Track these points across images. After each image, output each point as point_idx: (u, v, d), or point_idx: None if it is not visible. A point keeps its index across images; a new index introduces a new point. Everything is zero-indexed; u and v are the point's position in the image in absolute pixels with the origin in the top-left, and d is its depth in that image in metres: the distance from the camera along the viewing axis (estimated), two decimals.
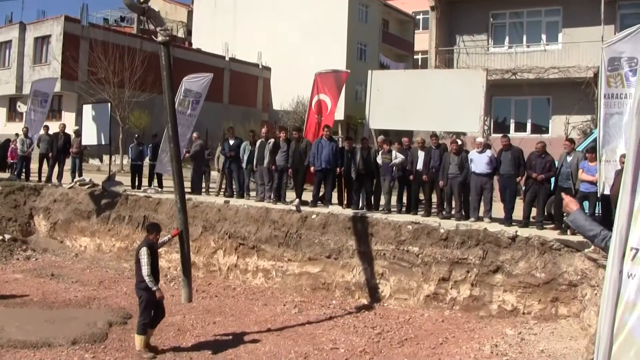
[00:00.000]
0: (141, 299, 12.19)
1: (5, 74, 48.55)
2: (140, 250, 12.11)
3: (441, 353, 12.52)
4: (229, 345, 13.04)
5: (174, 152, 13.92)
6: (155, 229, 12.70)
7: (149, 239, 12.40)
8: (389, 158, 18.45)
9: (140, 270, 12.04)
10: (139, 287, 12.17)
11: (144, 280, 12.01)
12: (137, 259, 12.14)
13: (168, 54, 14.13)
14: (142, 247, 12.17)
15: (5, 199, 24.38)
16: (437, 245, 15.96)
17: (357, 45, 57.49)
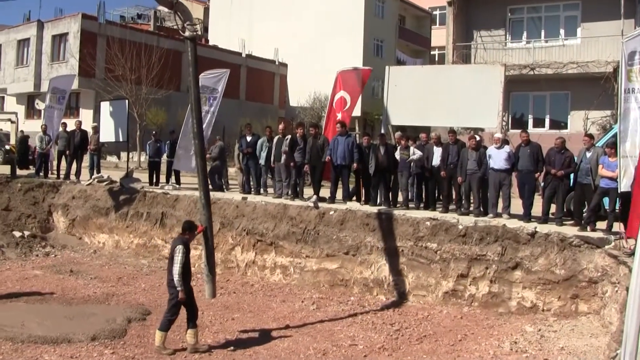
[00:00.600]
0: (172, 295, 12.23)
1: (24, 71, 48.80)
2: (177, 247, 12.11)
3: (460, 350, 12.49)
4: (248, 342, 13.08)
5: (199, 148, 13.93)
6: (192, 228, 12.80)
7: (184, 238, 12.46)
8: (407, 154, 18.40)
9: (171, 267, 12.08)
10: (171, 284, 12.20)
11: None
12: (171, 256, 12.14)
13: (195, 49, 14.09)
14: (178, 244, 12.17)
15: (24, 195, 24.55)
16: (455, 242, 15.90)
17: (374, 41, 57.40)
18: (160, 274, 18.94)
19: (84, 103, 45.70)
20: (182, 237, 12.51)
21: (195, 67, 14.04)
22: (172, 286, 12.15)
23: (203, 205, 13.62)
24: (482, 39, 31.94)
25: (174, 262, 12.03)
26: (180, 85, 47.90)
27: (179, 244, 12.15)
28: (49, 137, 26.48)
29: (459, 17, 32.45)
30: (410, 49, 64.12)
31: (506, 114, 28.38)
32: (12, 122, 28.09)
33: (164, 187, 23.32)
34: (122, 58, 39.84)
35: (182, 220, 20.17)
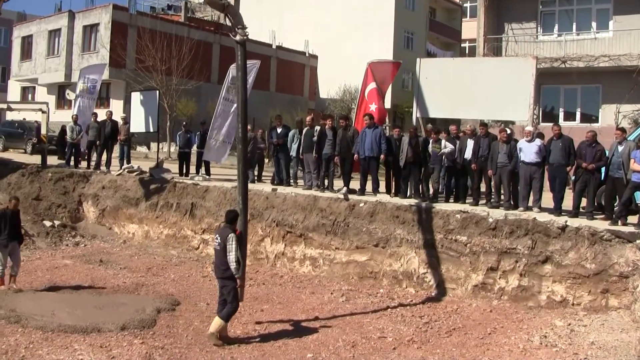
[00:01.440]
0: (228, 287, 12.35)
1: (55, 62, 49.11)
2: (229, 236, 12.20)
3: (489, 343, 12.45)
4: (277, 333, 13.14)
5: (242, 153, 13.97)
6: (237, 217, 12.89)
7: (233, 227, 12.57)
8: (439, 147, 18.35)
9: (226, 257, 12.15)
10: (224, 275, 12.29)
11: (229, 268, 12.17)
12: (224, 245, 12.19)
13: (244, 53, 14.05)
14: (229, 233, 12.25)
15: (54, 185, 24.77)
16: (485, 235, 15.85)
17: (404, 33, 57.15)
18: (190, 265, 19.14)
19: (115, 93, 45.93)
20: (231, 226, 12.55)
21: (245, 70, 14.03)
22: (225, 277, 12.29)
23: (240, 211, 13.58)
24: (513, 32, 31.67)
25: (228, 251, 12.13)
26: (210, 76, 48.04)
27: (230, 233, 12.24)
28: (79, 127, 26.67)
29: (490, 10, 32.22)
30: (440, 41, 63.78)
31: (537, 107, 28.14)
32: (43, 112, 28.31)
33: (193, 178, 23.42)
34: (152, 49, 39.97)
35: (212, 212, 20.49)
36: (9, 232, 15.48)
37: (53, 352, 11.55)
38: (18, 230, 16.13)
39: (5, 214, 15.61)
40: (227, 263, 12.18)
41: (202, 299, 15.55)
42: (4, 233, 15.41)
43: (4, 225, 15.43)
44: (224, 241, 12.22)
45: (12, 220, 15.63)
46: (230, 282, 12.33)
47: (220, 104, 22.95)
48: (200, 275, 18.06)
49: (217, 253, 12.43)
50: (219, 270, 12.38)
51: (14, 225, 15.79)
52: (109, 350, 11.72)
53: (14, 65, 54.37)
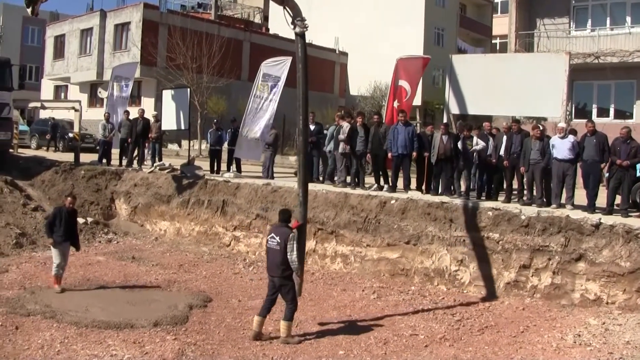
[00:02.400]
0: (288, 287, 12.38)
1: (87, 60, 49.47)
2: (290, 235, 12.24)
3: (522, 341, 12.36)
4: (309, 330, 13.16)
5: (303, 145, 14.15)
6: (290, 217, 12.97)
7: (290, 227, 12.60)
8: (470, 144, 18.27)
9: (286, 256, 12.17)
10: (284, 274, 12.31)
11: (289, 268, 12.22)
12: (284, 245, 12.19)
13: (304, 44, 14.09)
14: (289, 232, 12.31)
15: (87, 183, 24.98)
16: (517, 232, 15.74)
17: (435, 29, 56.83)
18: (221, 262, 19.23)
19: (146, 91, 46.18)
20: (287, 225, 12.59)
21: (305, 62, 14.08)
22: (284, 277, 12.32)
23: (300, 203, 13.65)
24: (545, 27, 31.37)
25: (289, 250, 12.16)
26: (240, 74, 48.12)
27: (290, 232, 12.29)
28: (111, 125, 26.90)
29: (521, 5, 31.95)
30: (471, 37, 63.38)
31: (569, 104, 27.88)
32: (75, 110, 28.56)
33: (224, 175, 23.50)
34: (183, 47, 40.12)
35: (243, 209, 20.56)
36: (65, 230, 15.35)
37: (87, 347, 11.68)
38: (73, 231, 15.92)
39: (61, 211, 15.50)
40: (287, 262, 12.19)
41: (234, 296, 15.62)
42: (59, 230, 15.29)
43: (59, 222, 15.30)
44: (284, 241, 12.21)
45: (68, 219, 15.48)
46: (289, 281, 12.38)
47: (251, 102, 23.01)
48: (232, 272, 18.14)
49: (274, 252, 12.39)
50: (278, 269, 12.33)
51: (70, 225, 15.63)
52: (142, 346, 11.82)
53: (47, 64, 54.86)
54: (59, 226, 15.29)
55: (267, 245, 12.60)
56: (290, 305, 12.45)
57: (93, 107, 47.77)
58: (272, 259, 12.45)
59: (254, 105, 22.97)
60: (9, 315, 13.25)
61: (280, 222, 12.72)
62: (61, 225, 15.28)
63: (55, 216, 15.42)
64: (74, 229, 15.91)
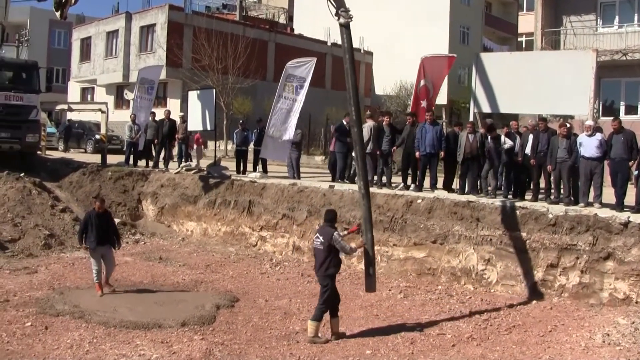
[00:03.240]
0: (327, 287, 12.47)
1: (113, 62, 49.83)
2: (334, 235, 12.34)
3: (550, 341, 12.29)
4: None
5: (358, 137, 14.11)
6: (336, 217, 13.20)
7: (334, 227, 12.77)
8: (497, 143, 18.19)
9: (328, 256, 12.34)
10: (325, 274, 12.44)
11: (331, 267, 12.38)
12: (328, 245, 12.33)
13: (349, 35, 14.13)
14: (332, 232, 12.43)
15: (114, 184, 25.18)
16: (545, 231, 15.62)
17: (460, 28, 56.61)
18: (248, 262, 19.28)
19: (172, 93, 46.42)
20: (331, 225, 12.73)
21: (352, 53, 14.11)
22: (327, 276, 12.46)
23: (363, 195, 13.70)
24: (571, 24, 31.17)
25: (340, 248, 12.39)
26: (266, 74, 48.24)
27: (333, 232, 12.43)
28: (137, 127, 27.10)
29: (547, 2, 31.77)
30: (496, 35, 63.08)
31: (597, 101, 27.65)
32: (102, 112, 28.78)
33: (250, 176, 23.57)
34: (208, 48, 40.28)
35: (269, 209, 20.62)
36: (97, 234, 15.07)
37: (116, 347, 11.78)
38: (109, 233, 15.54)
39: (91, 216, 15.26)
40: (329, 262, 12.36)
41: (261, 296, 15.66)
42: (91, 236, 15.07)
43: (91, 227, 15.07)
44: (328, 241, 12.34)
45: (99, 223, 15.18)
46: (329, 281, 12.48)
47: (277, 102, 23.08)
48: (259, 272, 18.19)
49: (318, 252, 12.53)
50: (321, 268, 12.49)
51: (103, 228, 15.30)
52: (170, 346, 11.90)
53: (74, 67, 55.35)
54: (90, 231, 15.06)
55: (313, 246, 12.79)
56: (321, 306, 12.50)
57: (119, 109, 48.10)
58: (317, 258, 12.63)
59: (280, 105, 23.03)
60: (38, 315, 13.42)
61: (325, 223, 12.86)
62: (93, 230, 15.03)
63: (87, 222, 15.25)
64: (108, 231, 15.51)
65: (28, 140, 25.28)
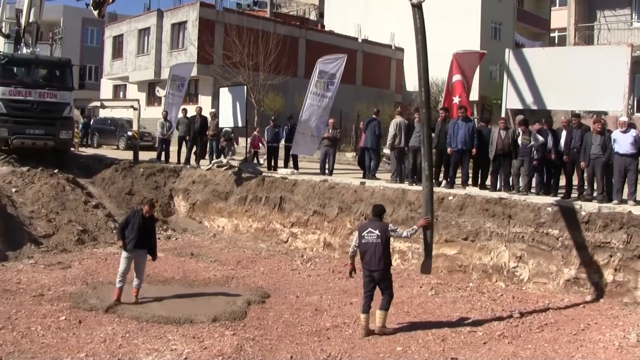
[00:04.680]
0: (387, 281, 12.68)
1: (145, 59, 50.11)
2: (389, 225, 12.76)
3: (583, 339, 12.15)
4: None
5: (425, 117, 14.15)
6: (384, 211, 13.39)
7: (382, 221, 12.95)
8: (528, 139, 18.04)
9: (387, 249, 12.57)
10: (385, 268, 12.58)
11: (389, 261, 12.70)
12: (386, 237, 12.52)
13: (422, 16, 14.20)
14: (387, 224, 12.82)
15: (146, 180, 25.38)
16: (578, 229, 15.46)
17: (492, 24, 56.17)
18: (279, 258, 19.32)
19: (203, 89, 46.60)
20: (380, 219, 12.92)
21: (424, 33, 14.20)
22: (386, 270, 12.63)
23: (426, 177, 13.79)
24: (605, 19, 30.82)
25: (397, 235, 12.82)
26: (297, 71, 48.22)
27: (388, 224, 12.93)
28: (169, 124, 27.29)
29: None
30: (528, 31, 62.53)
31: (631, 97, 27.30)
32: (134, 109, 29.00)
33: (281, 172, 23.62)
34: (239, 45, 40.31)
35: (300, 205, 20.66)
36: (136, 237, 14.13)
37: (148, 341, 11.87)
38: (149, 238, 14.62)
39: (136, 216, 14.41)
40: (388, 256, 12.61)
41: (292, 292, 15.70)
42: (130, 235, 14.17)
43: (132, 227, 14.19)
44: (384, 233, 12.50)
45: (143, 225, 14.27)
46: (389, 274, 12.70)
47: (308, 98, 23.13)
48: (290, 268, 18.23)
49: (375, 246, 12.52)
50: (380, 262, 12.49)
51: (145, 232, 14.39)
52: (202, 341, 11.97)
53: (106, 64, 55.77)
54: (131, 231, 14.15)
55: (364, 241, 12.69)
56: (387, 297, 12.66)
57: (151, 106, 48.43)
58: (373, 252, 12.54)
59: (310, 101, 23.10)
60: (72, 310, 13.59)
61: (374, 217, 12.99)
62: (134, 230, 14.12)
63: (129, 220, 14.40)
64: (150, 237, 14.62)
65: (62, 137, 25.56)
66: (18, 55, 26.81)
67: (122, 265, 14.38)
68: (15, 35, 28.69)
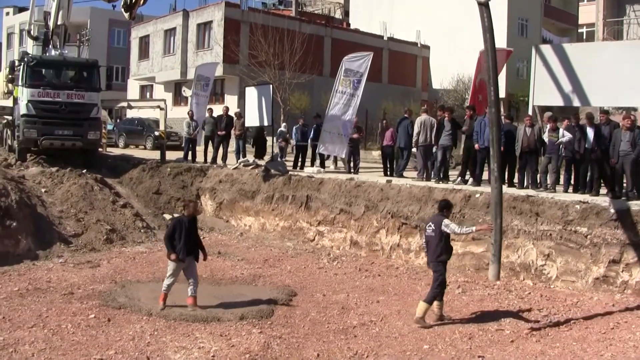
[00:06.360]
0: (439, 272, 12.76)
1: (171, 60, 50.40)
2: (444, 220, 12.71)
3: (612, 338, 12.02)
4: (393, 325, 13.12)
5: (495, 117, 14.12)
6: (450, 207, 13.55)
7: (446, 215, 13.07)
8: (556, 136, 17.91)
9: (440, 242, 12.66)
10: (438, 260, 12.74)
11: (443, 254, 12.73)
12: (439, 231, 12.65)
13: (489, 14, 14.33)
14: (442, 219, 12.76)
15: (173, 180, 25.54)
16: (607, 226, 15.28)
17: (518, 20, 55.78)
18: (306, 257, 19.33)
19: (229, 89, 46.79)
20: (442, 214, 13.02)
21: (492, 32, 14.32)
22: (439, 262, 12.75)
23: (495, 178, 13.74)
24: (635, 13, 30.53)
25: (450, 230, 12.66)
26: (322, 69, 48.28)
27: (443, 219, 12.78)
28: (195, 123, 27.45)
29: None
30: (556, 27, 62.08)
31: None
32: (161, 109, 29.17)
33: (308, 171, 23.64)
34: (265, 44, 40.49)
35: (327, 204, 20.67)
36: (186, 243, 13.47)
37: (176, 339, 11.92)
38: (195, 240, 13.96)
39: (182, 223, 13.65)
40: (440, 249, 12.68)
41: (319, 290, 15.68)
42: (179, 245, 13.47)
43: (179, 234, 13.48)
44: (438, 227, 12.64)
45: (188, 230, 13.60)
46: (441, 267, 12.77)
47: (334, 97, 23.15)
48: (316, 266, 18.23)
49: (431, 239, 12.85)
50: (433, 254, 12.81)
51: (192, 236, 13.75)
52: (229, 339, 11.99)
53: (133, 65, 56.18)
54: (178, 239, 13.45)
55: (426, 234, 13.08)
56: (434, 290, 12.76)
57: (177, 106, 48.73)
58: (429, 246, 12.91)
59: (337, 100, 23.11)
60: (101, 308, 13.67)
61: (439, 212, 13.19)
62: (181, 238, 13.44)
63: (175, 228, 13.62)
64: (197, 239, 14.02)
65: (90, 137, 25.79)
66: (46, 57, 27.07)
67: (172, 275, 13.71)
68: (43, 38, 28.95)
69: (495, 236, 13.50)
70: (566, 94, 19.53)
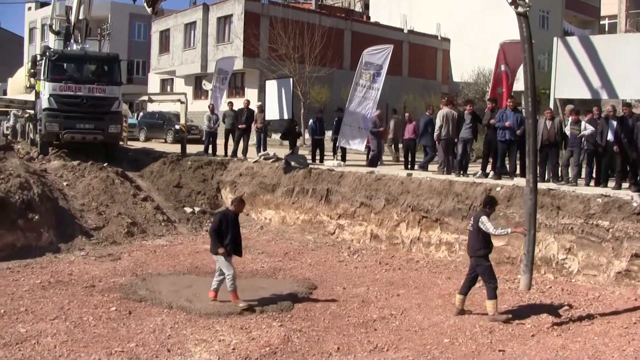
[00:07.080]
0: (482, 267, 12.88)
1: (191, 53, 50.54)
2: (481, 218, 12.69)
3: (635, 333, 11.94)
4: (413, 318, 13.11)
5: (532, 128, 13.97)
6: (494, 203, 13.46)
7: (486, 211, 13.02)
8: (578, 129, 17.80)
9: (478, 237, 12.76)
10: (476, 254, 12.89)
11: (482, 249, 12.80)
12: (477, 227, 12.72)
13: (528, 24, 14.22)
14: (481, 215, 12.78)
15: (194, 173, 25.59)
16: (629, 220, 15.15)
17: (539, 12, 55.36)
18: (326, 250, 19.34)
19: (249, 82, 46.86)
20: (485, 210, 13.04)
21: (530, 43, 14.13)
22: (479, 256, 12.87)
23: (530, 190, 13.60)
24: None
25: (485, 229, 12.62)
26: (342, 63, 48.25)
27: (482, 215, 12.79)
28: (216, 117, 27.53)
29: None
30: (577, 19, 61.67)
31: None
32: (181, 103, 29.25)
33: (328, 164, 23.65)
34: (285, 37, 40.50)
35: (347, 197, 20.68)
36: (232, 239, 13.50)
37: (196, 332, 11.98)
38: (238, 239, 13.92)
39: (227, 217, 13.59)
40: (479, 243, 12.76)
41: (339, 284, 15.70)
42: (227, 239, 13.43)
43: (226, 229, 13.42)
44: (475, 223, 12.76)
45: (235, 224, 13.66)
46: (484, 262, 12.86)
47: (354, 90, 23.13)
48: (337, 260, 18.25)
49: (470, 234, 13.06)
50: (472, 249, 12.99)
51: (236, 233, 13.78)
52: (249, 332, 12.03)
53: (153, 59, 56.44)
54: (225, 235, 13.39)
55: (469, 228, 13.27)
56: (489, 285, 12.80)
57: (198, 99, 48.84)
58: (469, 240, 13.13)
59: (357, 93, 23.09)
60: (122, 301, 13.78)
61: (482, 207, 13.31)
62: (228, 233, 13.40)
63: (221, 222, 13.50)
64: (239, 237, 13.97)
65: (111, 131, 25.90)
66: (68, 52, 27.18)
67: (230, 268, 13.50)
68: (65, 32, 29.07)
69: (528, 247, 13.43)
70: (588, 87, 19.33)
